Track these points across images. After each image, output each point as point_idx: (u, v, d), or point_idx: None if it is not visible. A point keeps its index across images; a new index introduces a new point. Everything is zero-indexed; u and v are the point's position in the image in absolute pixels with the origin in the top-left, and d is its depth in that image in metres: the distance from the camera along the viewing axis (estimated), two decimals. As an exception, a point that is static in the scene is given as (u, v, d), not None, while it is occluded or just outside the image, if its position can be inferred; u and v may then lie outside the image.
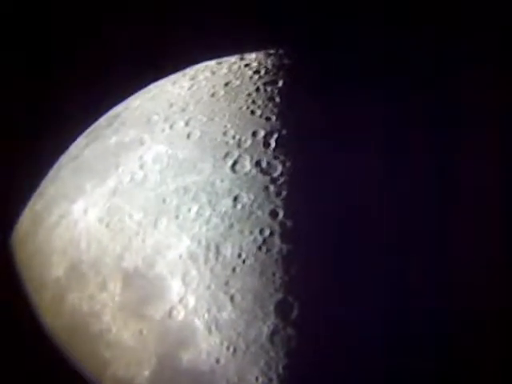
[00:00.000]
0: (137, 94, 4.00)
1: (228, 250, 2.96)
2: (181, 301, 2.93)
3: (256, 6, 5.13)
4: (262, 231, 2.98)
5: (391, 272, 2.95)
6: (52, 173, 3.84)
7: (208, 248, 2.99)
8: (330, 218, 3.00)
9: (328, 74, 3.67)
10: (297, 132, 3.28)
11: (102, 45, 5.13)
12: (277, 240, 2.96)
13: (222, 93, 3.55)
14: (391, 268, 2.96)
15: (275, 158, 3.17)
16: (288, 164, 3.14)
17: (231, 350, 2.83)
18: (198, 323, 2.88)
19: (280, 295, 2.87)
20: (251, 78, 3.62)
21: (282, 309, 2.85)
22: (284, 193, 3.06)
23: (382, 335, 2.87)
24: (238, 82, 3.60)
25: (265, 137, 3.25)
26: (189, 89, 3.70)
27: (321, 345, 2.83)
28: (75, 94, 4.79)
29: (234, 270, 2.93)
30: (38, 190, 3.81)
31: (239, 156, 3.20)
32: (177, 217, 3.10)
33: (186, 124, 3.44)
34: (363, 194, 3.09)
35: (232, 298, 2.88)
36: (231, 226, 3.01)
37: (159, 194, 3.20)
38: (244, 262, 2.93)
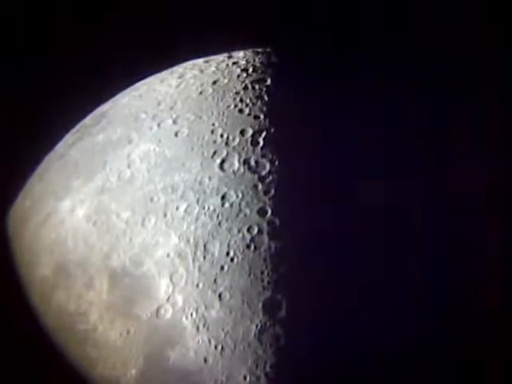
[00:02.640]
0: (124, 92, 3.99)
1: (216, 249, 2.95)
2: (168, 299, 2.92)
3: (244, 5, 5.13)
4: (250, 229, 2.98)
5: (382, 269, 2.95)
6: (39, 171, 3.82)
7: (196, 246, 2.98)
8: (318, 216, 3.00)
9: (316, 73, 3.68)
10: (285, 130, 3.27)
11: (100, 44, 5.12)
12: (265, 238, 2.95)
13: (209, 91, 3.54)
14: (382, 265, 2.96)
15: (263, 156, 3.17)
16: (276, 162, 3.14)
17: (219, 348, 2.82)
18: (186, 322, 2.87)
19: (268, 293, 2.87)
20: (239, 76, 3.61)
21: (270, 307, 2.85)
22: (272, 191, 3.06)
23: (374, 333, 2.87)
24: (225, 80, 3.59)
25: (253, 135, 3.24)
26: (177, 87, 3.69)
27: (309, 343, 2.83)
28: (74, 93, 4.77)
29: (222, 268, 2.92)
30: (26, 188, 3.78)
31: (227, 154, 3.19)
32: (165, 215, 3.09)
33: (174, 122, 3.42)
34: (352, 192, 3.09)
35: (220, 297, 2.88)
36: (219, 224, 3.00)
37: (147, 193, 3.19)
38: (232, 260, 2.93)
